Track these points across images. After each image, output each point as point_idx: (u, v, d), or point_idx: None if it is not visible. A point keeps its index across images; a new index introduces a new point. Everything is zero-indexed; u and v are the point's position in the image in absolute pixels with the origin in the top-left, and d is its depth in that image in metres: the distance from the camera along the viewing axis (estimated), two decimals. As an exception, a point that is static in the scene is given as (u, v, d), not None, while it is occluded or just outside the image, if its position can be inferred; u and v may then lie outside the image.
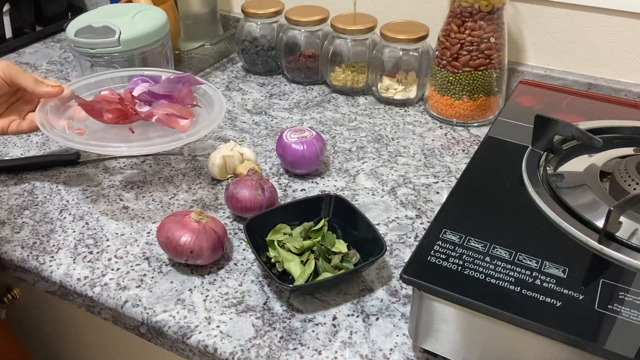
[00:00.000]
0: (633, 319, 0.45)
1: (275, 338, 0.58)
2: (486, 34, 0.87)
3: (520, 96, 0.81)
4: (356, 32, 0.99)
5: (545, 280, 0.49)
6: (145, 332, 0.62)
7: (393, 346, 0.57)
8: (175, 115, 0.74)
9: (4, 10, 1.18)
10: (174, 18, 1.06)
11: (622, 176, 0.59)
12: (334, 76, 1.03)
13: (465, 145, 0.89)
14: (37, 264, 0.68)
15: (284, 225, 0.68)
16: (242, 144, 0.89)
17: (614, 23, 0.89)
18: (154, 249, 0.70)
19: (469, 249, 0.53)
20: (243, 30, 1.08)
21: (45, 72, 1.13)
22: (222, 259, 0.68)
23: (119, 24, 0.86)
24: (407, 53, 0.97)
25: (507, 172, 0.64)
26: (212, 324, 0.60)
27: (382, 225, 0.73)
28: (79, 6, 1.39)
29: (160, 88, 0.77)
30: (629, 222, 0.54)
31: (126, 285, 0.65)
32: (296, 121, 0.96)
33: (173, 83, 0.78)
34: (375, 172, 0.83)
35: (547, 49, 0.96)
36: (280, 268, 0.65)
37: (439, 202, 0.76)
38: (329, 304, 0.62)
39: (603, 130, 0.69)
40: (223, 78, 1.11)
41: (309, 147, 0.78)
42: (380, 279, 0.65)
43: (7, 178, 0.83)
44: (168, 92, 0.77)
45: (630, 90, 0.90)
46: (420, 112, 0.98)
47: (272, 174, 0.82)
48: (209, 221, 0.66)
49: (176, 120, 0.74)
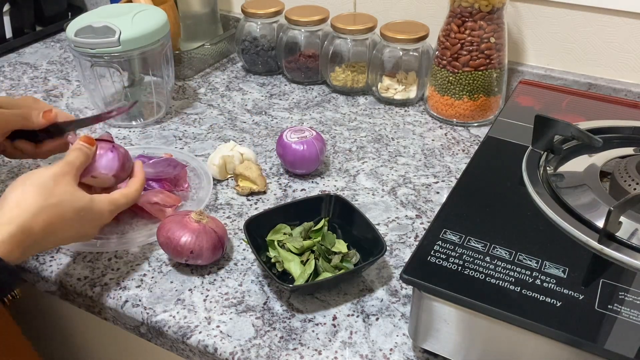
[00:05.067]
0: (633, 319, 0.45)
1: (275, 338, 0.58)
2: (486, 34, 0.87)
3: (520, 96, 0.81)
4: (356, 32, 0.99)
5: (545, 280, 0.49)
6: (145, 332, 0.62)
7: (393, 346, 0.57)
8: (159, 204, 0.72)
9: (4, 10, 1.18)
10: (174, 18, 1.06)
11: (622, 176, 0.59)
12: (334, 76, 1.03)
13: (465, 145, 0.89)
14: (37, 264, 0.68)
15: (284, 225, 0.69)
16: (242, 144, 0.89)
17: (614, 23, 0.89)
18: (154, 249, 0.70)
19: (469, 249, 0.53)
20: (243, 30, 1.08)
21: (45, 72, 1.13)
22: (222, 259, 0.68)
23: (119, 24, 0.86)
24: (407, 53, 0.97)
25: (507, 172, 0.64)
26: (212, 324, 0.60)
27: (382, 225, 0.73)
28: (79, 6, 1.39)
29: (151, 172, 0.75)
30: (629, 222, 0.54)
31: (126, 285, 0.65)
32: (296, 121, 0.96)
33: (162, 166, 0.76)
34: (375, 172, 0.83)
35: (547, 49, 0.96)
36: (280, 268, 0.65)
37: (439, 202, 0.76)
38: (329, 304, 0.62)
39: (603, 130, 0.69)
40: (223, 78, 1.11)
41: (309, 147, 0.78)
42: (380, 279, 0.65)
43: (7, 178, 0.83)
44: (157, 177, 0.76)
45: (630, 90, 0.90)
46: (420, 112, 0.98)
47: (272, 174, 0.82)
48: (209, 221, 0.66)
49: (160, 209, 0.72)
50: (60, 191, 0.58)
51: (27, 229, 0.54)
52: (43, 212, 0.56)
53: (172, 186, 0.77)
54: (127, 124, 0.95)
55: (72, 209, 0.58)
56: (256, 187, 0.78)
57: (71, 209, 0.58)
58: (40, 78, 1.11)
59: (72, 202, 0.59)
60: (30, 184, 0.57)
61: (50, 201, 0.56)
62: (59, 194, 0.58)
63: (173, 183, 0.77)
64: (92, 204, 0.61)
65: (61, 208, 0.57)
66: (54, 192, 0.57)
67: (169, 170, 0.76)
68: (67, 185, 0.59)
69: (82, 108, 1.01)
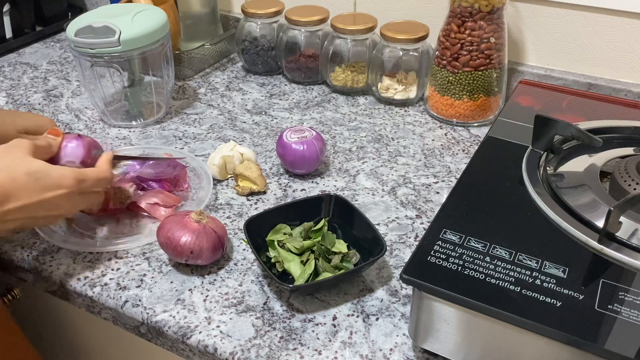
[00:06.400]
0: (633, 319, 0.45)
1: (275, 338, 0.58)
2: (486, 34, 0.87)
3: (520, 96, 0.81)
4: (356, 32, 0.99)
5: (545, 280, 0.49)
6: (145, 332, 0.62)
7: (393, 346, 0.57)
8: (159, 205, 0.73)
9: (4, 10, 1.18)
10: (174, 18, 1.06)
11: (622, 176, 0.59)
12: (334, 76, 1.03)
13: (465, 145, 0.89)
14: (37, 264, 0.68)
15: (284, 225, 0.68)
16: (242, 144, 0.89)
17: (614, 23, 0.89)
18: (154, 249, 0.70)
19: (469, 249, 0.53)
20: (243, 30, 1.08)
21: (45, 72, 1.13)
22: (222, 259, 0.68)
23: (119, 24, 0.86)
24: (407, 53, 0.97)
25: (507, 172, 0.64)
26: (212, 324, 0.60)
27: (382, 225, 0.73)
28: (79, 6, 1.39)
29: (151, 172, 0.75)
30: (629, 222, 0.54)
31: (126, 285, 0.65)
32: (296, 121, 0.96)
33: (162, 167, 0.76)
34: (375, 172, 0.83)
35: (547, 49, 0.96)
36: (280, 268, 0.65)
37: (439, 202, 0.76)
38: (329, 304, 0.62)
39: (603, 130, 0.69)
40: (223, 78, 1.11)
41: (309, 147, 0.78)
42: (380, 279, 0.65)
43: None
44: (157, 178, 0.76)
45: (630, 90, 0.90)
46: (420, 112, 0.98)
47: (272, 174, 0.82)
48: (209, 221, 0.66)
49: (158, 209, 0.73)
50: (9, 157, 0.57)
51: None
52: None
53: (172, 186, 0.77)
54: (127, 124, 0.95)
55: (22, 172, 0.57)
56: (256, 187, 0.78)
57: (22, 172, 0.57)
58: (40, 78, 1.11)
59: (22, 165, 0.57)
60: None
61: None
62: (7, 159, 0.57)
63: (173, 183, 0.77)
64: (47, 168, 0.59)
65: (10, 172, 0.56)
66: (1, 158, 0.57)
67: (169, 171, 0.76)
68: (17, 153, 0.58)
69: (82, 108, 1.01)
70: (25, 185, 0.57)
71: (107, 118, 0.95)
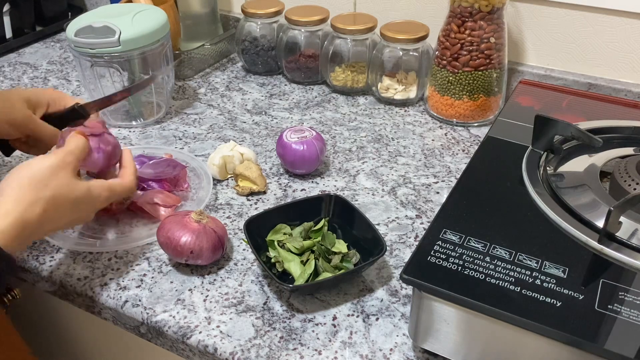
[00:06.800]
0: (633, 319, 0.45)
1: (275, 338, 0.58)
2: (486, 34, 0.87)
3: (520, 96, 0.81)
4: (356, 32, 0.99)
5: (545, 280, 0.49)
6: (145, 332, 0.62)
7: (393, 346, 0.57)
8: (159, 205, 0.73)
9: (4, 10, 1.18)
10: (174, 18, 1.06)
11: (622, 176, 0.59)
12: (334, 76, 1.03)
13: (465, 145, 0.89)
14: (37, 264, 0.68)
15: (284, 225, 0.68)
16: (242, 144, 0.89)
17: (614, 23, 0.89)
18: (154, 249, 0.70)
19: (469, 249, 0.53)
20: (243, 30, 1.08)
21: (45, 72, 1.13)
22: (222, 259, 0.68)
23: (119, 24, 0.86)
24: (407, 53, 0.97)
25: (507, 172, 0.64)
26: (212, 324, 0.60)
27: (382, 225, 0.73)
28: (79, 6, 1.39)
29: (151, 172, 0.75)
30: (629, 222, 0.54)
31: (126, 285, 0.65)
32: (296, 121, 0.96)
33: (162, 167, 0.76)
34: (375, 172, 0.83)
35: (547, 49, 0.96)
36: (280, 268, 0.65)
37: (439, 202, 0.76)
38: (329, 304, 0.62)
39: (603, 130, 0.69)
40: (223, 78, 1.11)
41: (309, 147, 0.78)
42: (380, 279, 0.65)
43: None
44: (157, 178, 0.76)
45: (630, 90, 0.90)
46: (420, 112, 0.98)
47: (272, 174, 0.82)
48: (209, 221, 0.66)
49: (158, 209, 0.73)
50: (56, 183, 0.58)
51: (23, 222, 0.55)
52: (38, 205, 0.56)
53: (172, 186, 0.77)
54: (127, 124, 0.95)
55: (67, 200, 0.58)
56: (256, 187, 0.78)
57: (67, 200, 0.58)
58: (40, 78, 1.11)
59: (68, 193, 0.59)
60: (25, 176, 0.57)
61: (44, 194, 0.56)
62: (54, 187, 0.57)
63: (173, 183, 0.77)
64: (89, 193, 0.61)
65: (57, 200, 0.57)
66: (49, 185, 0.57)
67: (169, 171, 0.76)
68: (64, 178, 0.59)
69: (82, 108, 1.01)
70: (68, 211, 0.59)
71: (107, 118, 0.95)
